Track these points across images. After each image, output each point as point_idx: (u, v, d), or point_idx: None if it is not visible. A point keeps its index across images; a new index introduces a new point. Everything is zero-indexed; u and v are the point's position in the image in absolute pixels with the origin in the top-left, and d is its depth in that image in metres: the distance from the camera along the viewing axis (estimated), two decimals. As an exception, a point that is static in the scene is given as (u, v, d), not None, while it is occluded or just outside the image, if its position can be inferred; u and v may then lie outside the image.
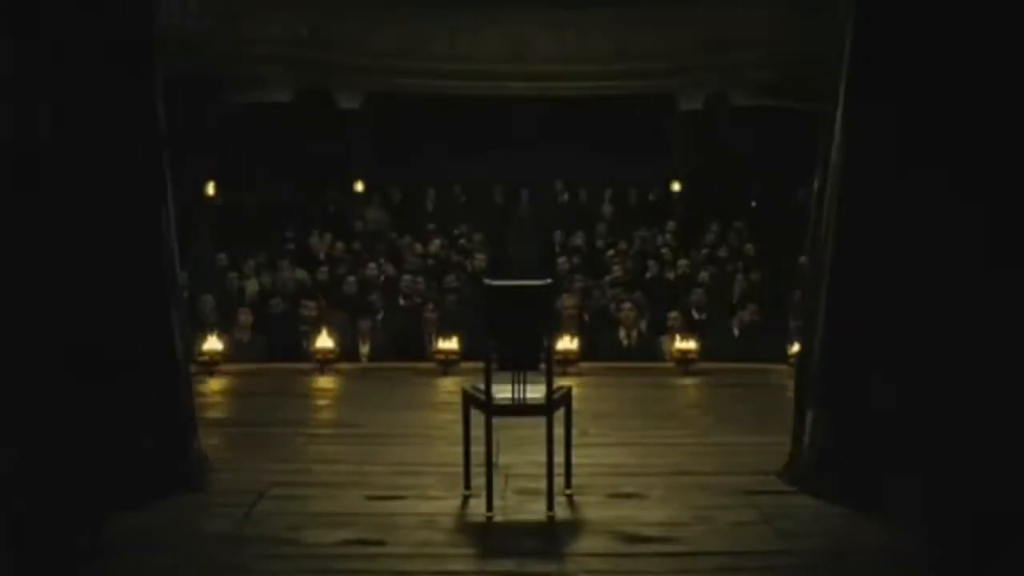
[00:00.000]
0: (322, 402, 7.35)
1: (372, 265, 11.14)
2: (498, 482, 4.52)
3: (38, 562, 3.94)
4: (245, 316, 9.01)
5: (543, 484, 4.34)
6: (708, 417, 6.66)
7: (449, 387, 7.32)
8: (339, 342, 8.17)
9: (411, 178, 14.69)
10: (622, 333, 8.91)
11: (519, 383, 4.33)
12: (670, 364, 8.14)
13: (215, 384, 7.66)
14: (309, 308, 9.18)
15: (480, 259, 11.67)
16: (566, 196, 14.65)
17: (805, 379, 4.93)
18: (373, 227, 13.59)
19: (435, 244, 12.43)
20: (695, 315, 9.39)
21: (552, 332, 5.38)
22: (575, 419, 4.67)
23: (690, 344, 8.03)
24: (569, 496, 4.57)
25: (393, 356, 8.77)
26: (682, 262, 11.49)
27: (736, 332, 9.06)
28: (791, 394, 7.31)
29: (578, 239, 12.88)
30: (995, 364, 4.32)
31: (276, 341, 9.06)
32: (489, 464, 4.33)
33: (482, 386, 4.35)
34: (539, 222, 13.73)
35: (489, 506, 4.30)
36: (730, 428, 6.18)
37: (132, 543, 4.04)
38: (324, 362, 7.93)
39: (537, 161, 14.52)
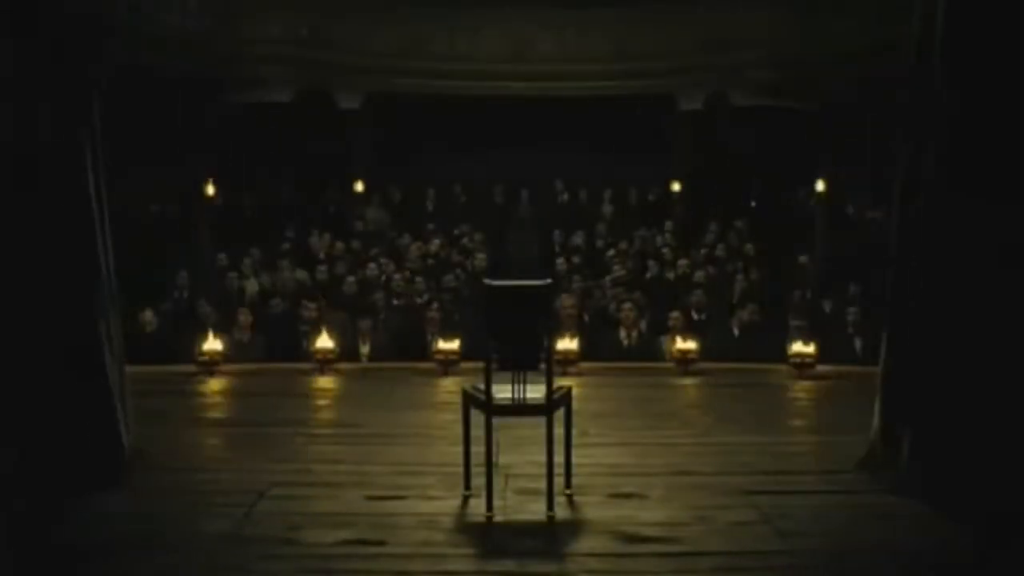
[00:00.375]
0: (322, 402, 7.35)
1: (372, 265, 11.15)
2: (498, 482, 4.51)
3: (38, 562, 3.94)
4: (245, 316, 9.01)
5: (543, 484, 4.34)
6: (708, 417, 6.66)
7: (449, 387, 7.32)
8: (339, 342, 8.17)
9: (411, 178, 14.69)
10: (622, 333, 8.91)
11: (519, 383, 4.33)
12: (670, 364, 8.14)
13: (215, 384, 7.67)
14: (309, 309, 9.18)
15: (480, 259, 11.68)
16: (566, 196, 14.65)
17: (891, 387, 4.91)
18: (373, 227, 13.59)
19: (434, 244, 12.45)
20: (695, 315, 9.39)
21: (552, 332, 5.37)
22: (575, 419, 4.67)
23: (690, 344, 8.03)
24: (569, 496, 4.56)
25: (393, 356, 8.77)
26: (682, 262, 11.49)
27: (736, 332, 9.06)
28: (791, 394, 7.40)
29: (578, 239, 12.89)
30: None
31: (276, 341, 9.06)
32: (489, 464, 4.33)
33: (482, 386, 4.35)
34: (539, 222, 13.73)
35: (489, 506, 4.30)
36: (730, 428, 6.17)
37: (132, 543, 4.04)
38: (324, 362, 7.93)
39: (537, 161, 14.51)
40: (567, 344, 7.89)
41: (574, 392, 4.68)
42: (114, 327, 5.02)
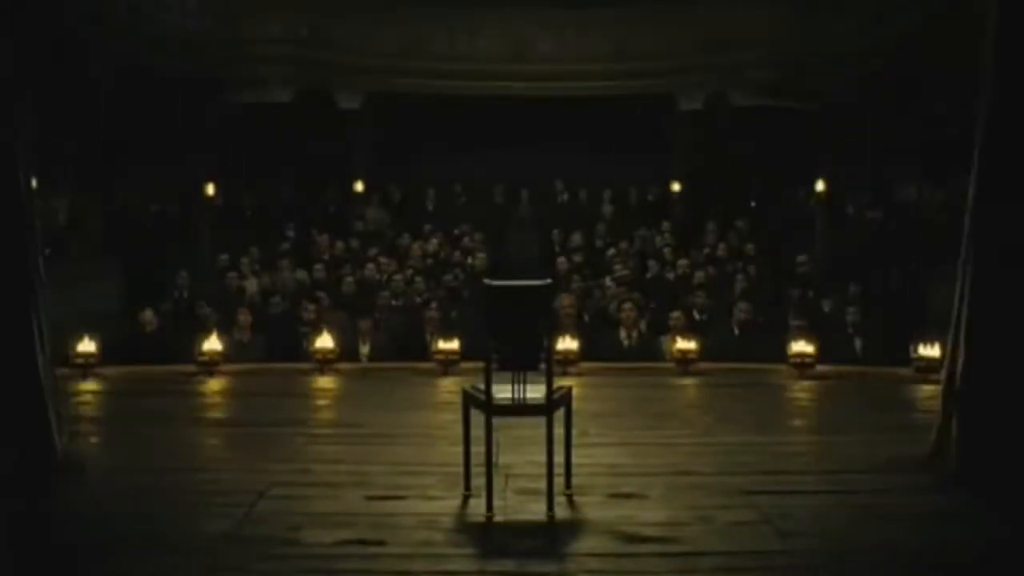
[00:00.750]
0: (322, 402, 7.34)
1: (372, 265, 11.15)
2: (498, 482, 4.51)
3: (38, 562, 3.94)
4: (245, 316, 9.01)
5: (543, 484, 4.34)
6: (708, 417, 6.65)
7: (449, 387, 7.31)
8: (339, 342, 8.16)
9: (411, 178, 14.70)
10: (622, 333, 8.90)
11: (519, 383, 4.33)
12: (670, 364, 8.14)
13: (215, 384, 7.66)
14: (309, 309, 9.17)
15: (480, 259, 11.68)
16: (566, 196, 14.66)
17: (970, 387, 4.92)
18: (373, 227, 13.59)
19: (433, 244, 12.45)
20: (695, 315, 9.39)
21: (552, 332, 5.37)
22: (575, 419, 4.67)
23: (690, 344, 8.02)
24: (569, 496, 4.56)
25: (393, 356, 8.77)
26: (682, 262, 11.49)
27: (736, 332, 9.06)
28: (791, 394, 7.39)
29: (578, 239, 12.89)
30: None
31: (276, 341, 9.06)
32: (489, 464, 4.33)
33: (482, 386, 4.35)
34: (539, 222, 13.74)
35: (489, 506, 4.30)
36: (730, 428, 6.17)
37: (132, 543, 4.04)
38: (324, 362, 7.93)
39: (537, 161, 14.52)
40: (567, 344, 7.89)
41: (574, 392, 4.68)
42: (46, 329, 4.99)
